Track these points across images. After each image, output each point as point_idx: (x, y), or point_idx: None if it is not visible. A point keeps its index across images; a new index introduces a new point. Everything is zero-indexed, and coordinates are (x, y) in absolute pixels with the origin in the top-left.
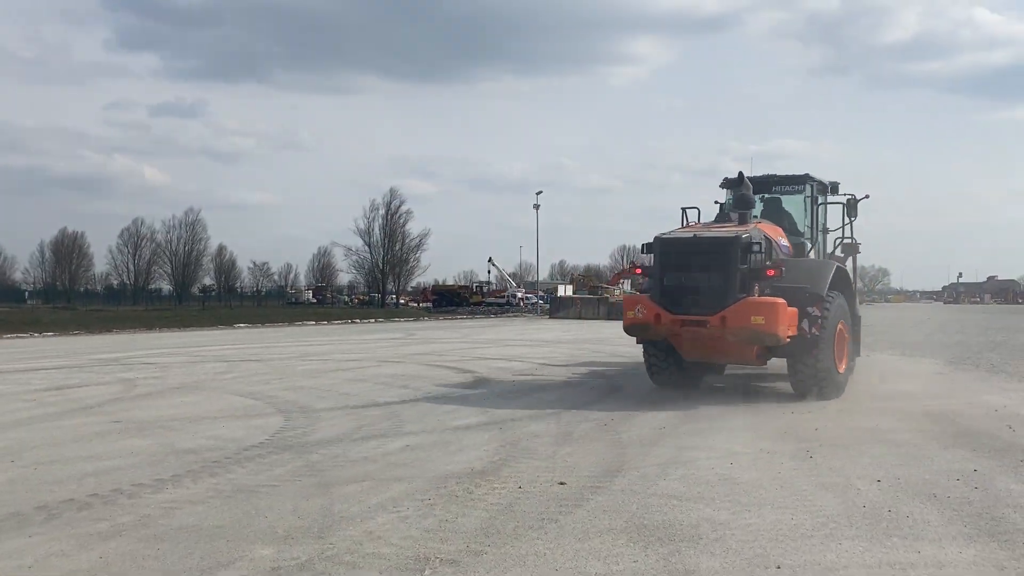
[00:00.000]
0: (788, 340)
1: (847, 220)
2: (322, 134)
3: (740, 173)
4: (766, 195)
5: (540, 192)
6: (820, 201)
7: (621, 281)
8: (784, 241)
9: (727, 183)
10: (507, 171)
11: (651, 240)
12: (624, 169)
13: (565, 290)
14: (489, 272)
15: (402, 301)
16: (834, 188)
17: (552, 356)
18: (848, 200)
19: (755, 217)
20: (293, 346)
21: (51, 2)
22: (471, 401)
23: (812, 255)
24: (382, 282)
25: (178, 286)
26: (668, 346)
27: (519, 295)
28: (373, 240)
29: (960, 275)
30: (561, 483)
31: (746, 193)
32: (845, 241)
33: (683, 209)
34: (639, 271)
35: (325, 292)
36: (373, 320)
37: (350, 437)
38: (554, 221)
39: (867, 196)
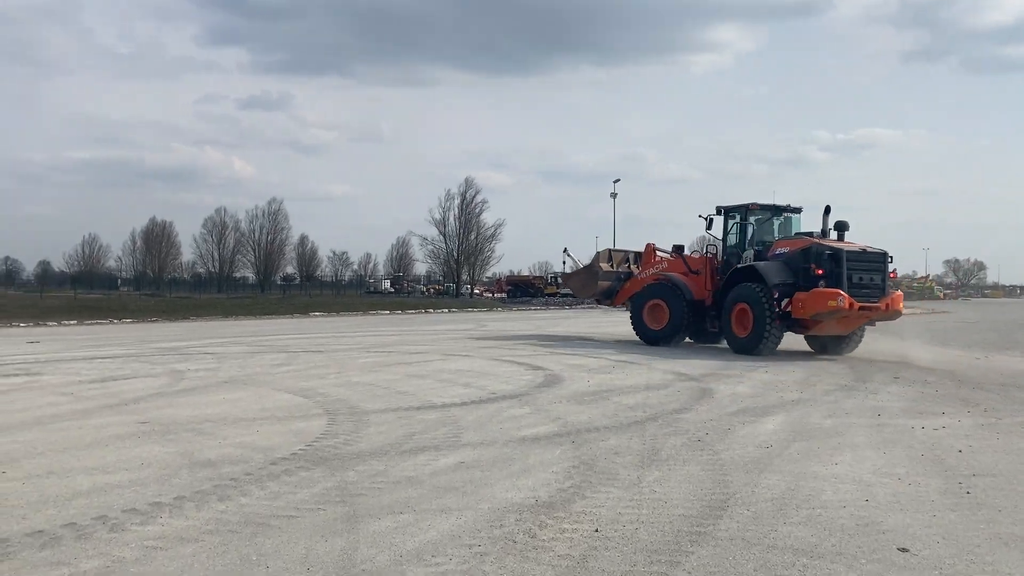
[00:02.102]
0: None
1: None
2: (401, 126)
3: (828, 206)
4: (775, 217)
5: (617, 180)
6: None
7: None
8: None
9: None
10: (583, 162)
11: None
12: (703, 159)
13: None
14: (564, 263)
15: (476, 291)
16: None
17: (630, 352)
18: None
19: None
20: (361, 336)
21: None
22: (541, 405)
23: None
24: (456, 272)
25: (261, 275)
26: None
27: None
28: (448, 230)
29: None
30: (651, 524)
31: (843, 220)
32: None
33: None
34: (821, 272)
35: (402, 282)
36: (446, 310)
37: (397, 448)
38: (630, 212)
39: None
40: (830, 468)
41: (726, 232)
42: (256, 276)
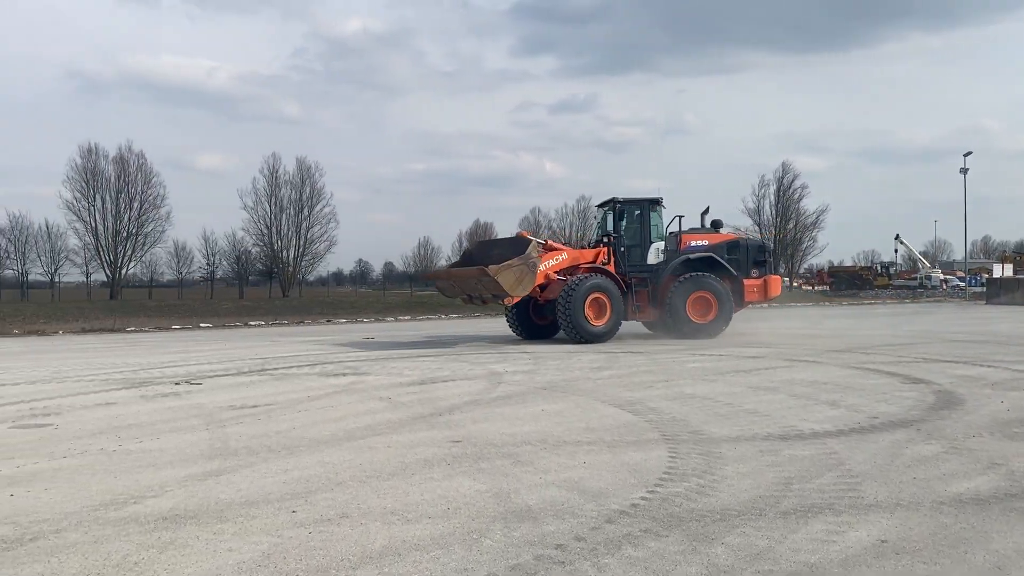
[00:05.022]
0: None
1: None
2: (707, 117)
3: (707, 207)
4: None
5: (969, 153)
6: None
7: None
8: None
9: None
10: (912, 139)
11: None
12: None
13: (1003, 270)
14: (896, 251)
15: (795, 284)
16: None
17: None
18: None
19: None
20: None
21: (466, 19)
22: (953, 438)
23: None
24: (774, 264)
25: None
26: None
27: (939, 277)
28: (763, 219)
29: None
30: None
31: (718, 219)
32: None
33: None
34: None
35: None
36: (766, 304)
37: (774, 506)
38: (973, 191)
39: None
40: None
41: (617, 223)
42: None
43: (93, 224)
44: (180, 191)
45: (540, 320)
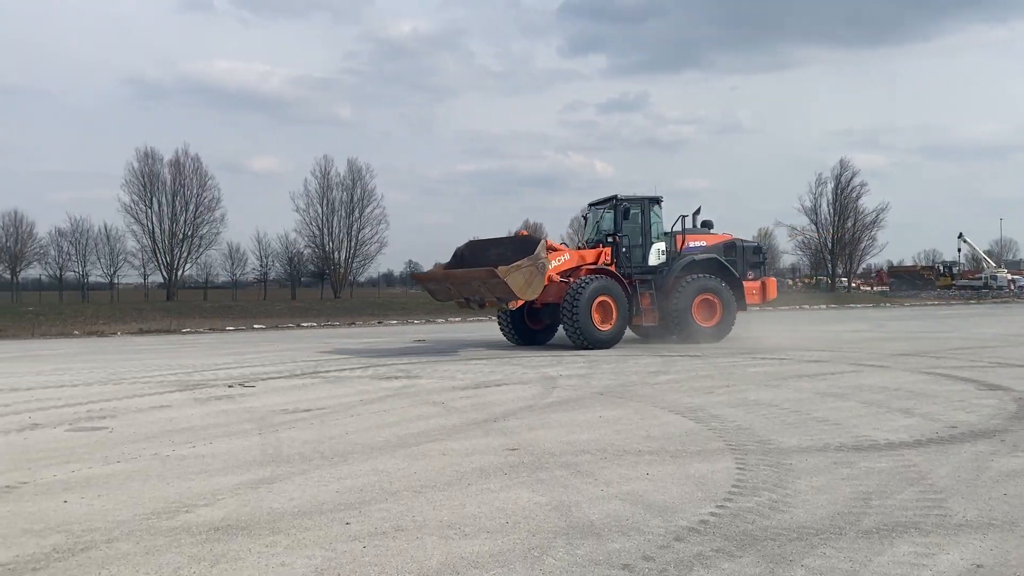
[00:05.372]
0: None
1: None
2: (762, 114)
3: (699, 207)
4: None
5: None
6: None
7: None
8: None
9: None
10: (975, 134)
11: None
12: None
13: None
14: (959, 250)
15: (853, 284)
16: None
17: None
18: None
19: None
20: (736, 336)
21: (516, 19)
22: None
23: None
24: (832, 264)
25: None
26: None
27: (1005, 277)
28: (820, 218)
29: None
30: None
31: (708, 219)
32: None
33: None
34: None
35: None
36: (823, 305)
37: (854, 524)
38: None
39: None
40: None
41: (620, 222)
42: None
43: (150, 227)
44: (234, 193)
45: (535, 324)
